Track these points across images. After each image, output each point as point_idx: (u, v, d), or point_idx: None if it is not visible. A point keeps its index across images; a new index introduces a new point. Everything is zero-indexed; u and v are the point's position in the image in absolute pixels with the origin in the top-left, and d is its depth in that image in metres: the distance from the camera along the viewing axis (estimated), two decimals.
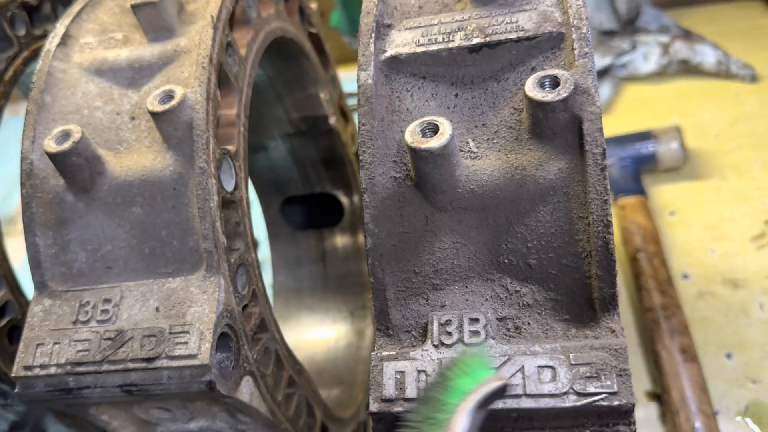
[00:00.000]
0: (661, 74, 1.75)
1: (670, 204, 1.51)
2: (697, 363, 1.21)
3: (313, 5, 1.14)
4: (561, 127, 0.60)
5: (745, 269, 1.36)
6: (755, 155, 1.54)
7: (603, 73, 1.75)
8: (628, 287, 1.39)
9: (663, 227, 1.47)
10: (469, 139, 0.65)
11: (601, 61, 1.74)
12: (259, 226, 1.48)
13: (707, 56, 1.68)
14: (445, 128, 0.58)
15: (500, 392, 0.55)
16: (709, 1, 1.91)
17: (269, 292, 1.44)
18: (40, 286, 0.75)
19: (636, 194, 1.47)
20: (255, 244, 0.79)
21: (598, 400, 0.55)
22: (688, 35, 1.74)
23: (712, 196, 1.50)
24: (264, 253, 1.54)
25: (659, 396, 1.22)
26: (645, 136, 1.53)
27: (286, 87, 1.17)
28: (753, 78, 1.68)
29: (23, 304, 0.88)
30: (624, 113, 1.74)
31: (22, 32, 0.96)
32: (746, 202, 1.47)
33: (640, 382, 1.26)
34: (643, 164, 1.52)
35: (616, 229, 1.48)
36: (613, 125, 1.69)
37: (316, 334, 1.38)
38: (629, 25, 1.77)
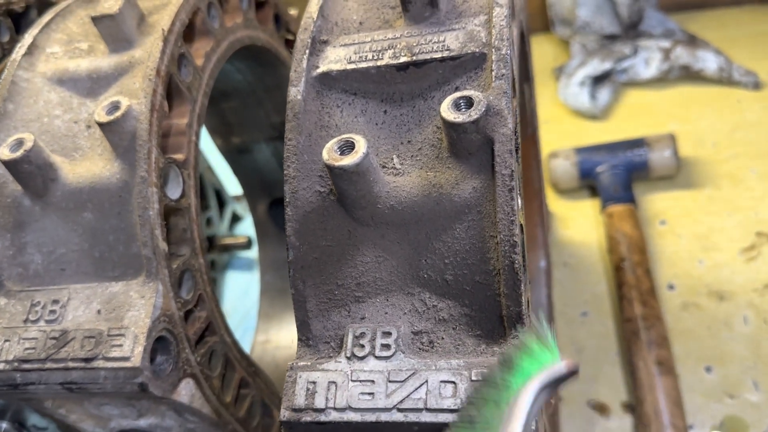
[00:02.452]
0: (662, 80, 1.73)
1: (660, 213, 1.49)
2: (673, 376, 1.20)
3: (293, 12, 1.16)
4: (475, 147, 0.61)
5: (732, 281, 1.34)
6: (752, 164, 1.52)
7: (603, 78, 1.73)
8: (612, 296, 1.38)
9: (652, 236, 1.46)
10: (395, 156, 0.67)
11: (601, 66, 1.72)
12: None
13: (709, 62, 1.65)
14: (360, 146, 0.60)
15: (569, 375, 0.52)
16: (718, 5, 1.88)
17: (257, 290, 1.48)
18: None
19: (625, 202, 1.45)
20: (204, 249, 0.82)
21: None
22: (691, 40, 1.71)
23: (705, 205, 1.48)
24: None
25: (634, 408, 1.22)
26: (637, 143, 1.51)
27: (266, 92, 1.20)
28: (756, 85, 1.65)
29: None
30: (623, 119, 1.72)
31: (6, 38, 1.00)
32: (739, 212, 1.45)
33: (617, 392, 1.25)
34: (634, 172, 1.51)
35: (602, 237, 1.47)
36: (611, 131, 1.68)
37: None
38: (631, 30, 1.75)
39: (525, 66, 1.08)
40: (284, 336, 1.41)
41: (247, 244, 1.62)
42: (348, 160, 0.59)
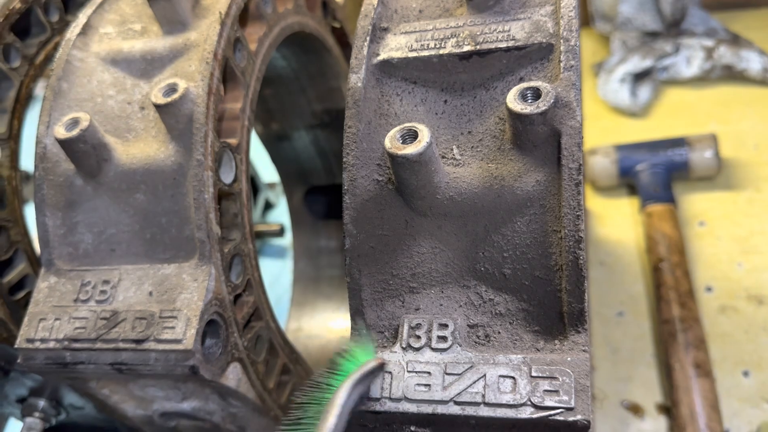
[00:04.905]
0: (703, 79, 1.70)
1: (700, 214, 1.47)
2: (711, 379, 1.18)
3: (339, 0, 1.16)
4: (541, 139, 0.60)
5: None
6: None
7: (643, 76, 1.71)
8: (649, 297, 1.36)
9: (691, 237, 1.43)
10: (454, 146, 0.66)
11: (641, 63, 1.70)
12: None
13: (752, 63, 1.62)
14: (424, 135, 0.59)
15: (377, 369, 0.60)
16: (761, 4, 1.84)
17: (290, 277, 1.48)
18: (48, 263, 0.79)
19: (665, 202, 1.43)
20: (253, 234, 0.82)
21: (554, 415, 0.55)
22: (734, 40, 1.68)
23: (745, 207, 1.46)
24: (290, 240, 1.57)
25: (669, 410, 1.20)
26: (678, 142, 1.49)
27: (309, 79, 1.19)
28: None
29: None
30: (662, 117, 1.70)
31: (55, 18, 1.00)
32: None
33: (652, 394, 1.24)
34: (674, 171, 1.49)
35: (641, 236, 1.46)
36: (650, 129, 1.66)
37: (331, 323, 1.40)
38: (674, 27, 1.73)
39: None
40: (316, 324, 1.41)
41: (280, 232, 1.62)
42: (411, 149, 0.59)
